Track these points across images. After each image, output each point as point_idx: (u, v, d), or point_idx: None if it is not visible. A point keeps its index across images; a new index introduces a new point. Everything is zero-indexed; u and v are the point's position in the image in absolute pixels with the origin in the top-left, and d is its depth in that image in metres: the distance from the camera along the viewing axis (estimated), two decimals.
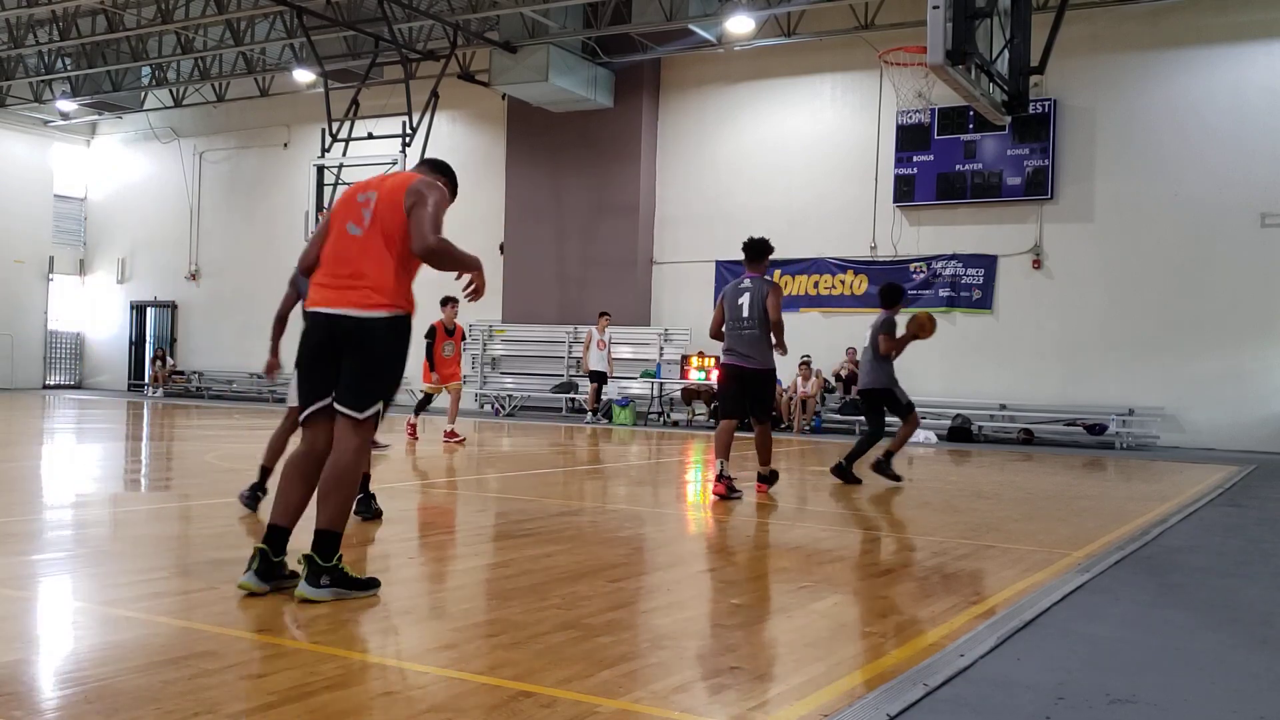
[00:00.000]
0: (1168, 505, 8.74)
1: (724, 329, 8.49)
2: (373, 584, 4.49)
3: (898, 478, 9.70)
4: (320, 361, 4.55)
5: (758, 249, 8.59)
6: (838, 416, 18.58)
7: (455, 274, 4.83)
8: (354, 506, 6.24)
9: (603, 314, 18.97)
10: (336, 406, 4.50)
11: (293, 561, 4.43)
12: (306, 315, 4.65)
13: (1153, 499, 9.43)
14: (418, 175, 4.75)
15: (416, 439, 12.93)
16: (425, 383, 13.12)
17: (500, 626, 3.99)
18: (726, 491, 8.21)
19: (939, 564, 5.70)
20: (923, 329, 9.56)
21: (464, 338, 13.65)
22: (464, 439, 13.11)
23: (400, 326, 4.53)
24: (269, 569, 4.41)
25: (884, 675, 3.48)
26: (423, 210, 4.48)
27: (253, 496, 6.75)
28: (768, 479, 8.67)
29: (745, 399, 8.50)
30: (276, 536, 4.45)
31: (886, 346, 9.53)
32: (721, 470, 8.27)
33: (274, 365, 6.99)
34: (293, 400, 6.60)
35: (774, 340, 8.37)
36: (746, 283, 8.47)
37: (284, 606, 4.30)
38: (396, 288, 4.50)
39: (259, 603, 4.31)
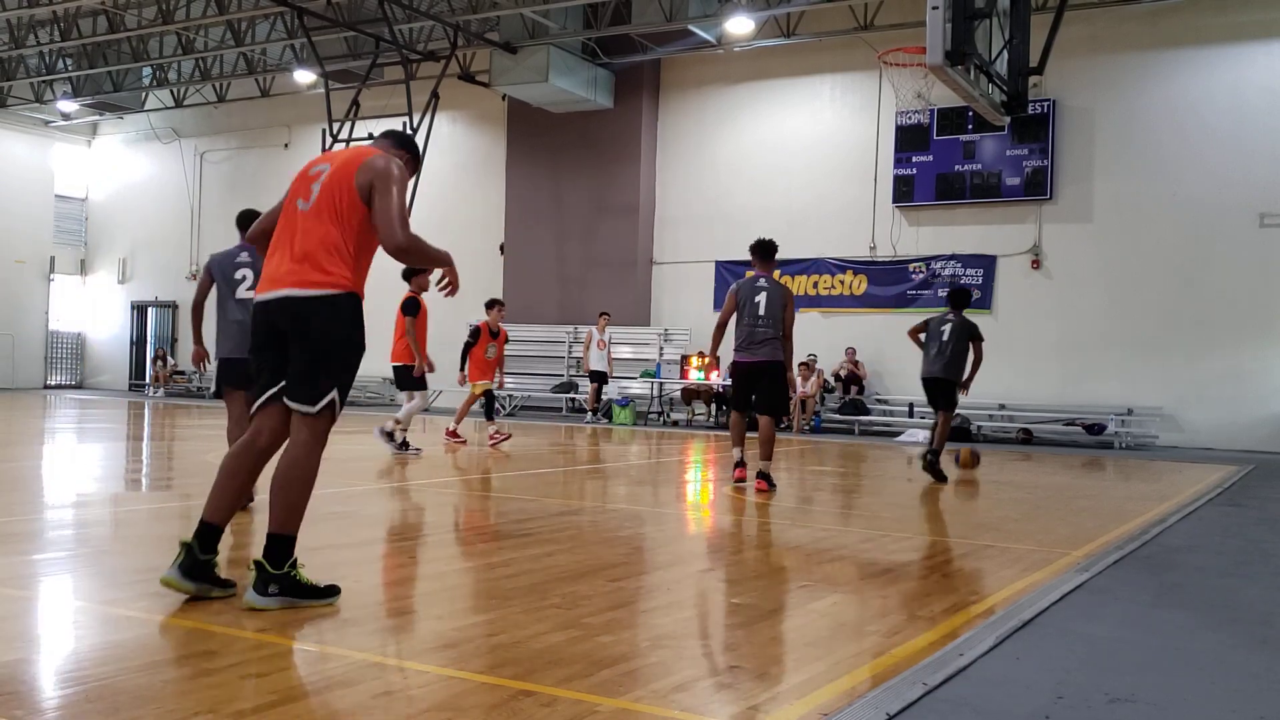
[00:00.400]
0: (1167, 505, 8.74)
1: (735, 324, 8.73)
2: (330, 592, 4.22)
3: (945, 477, 10.32)
4: (267, 350, 4.26)
5: (768, 249, 8.91)
6: (837, 416, 18.59)
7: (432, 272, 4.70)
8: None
9: (603, 314, 18.99)
10: (287, 402, 4.20)
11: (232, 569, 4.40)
12: (256, 306, 4.33)
13: (1152, 499, 9.43)
14: (374, 150, 4.37)
15: (507, 436, 12.89)
16: (473, 381, 12.73)
17: (500, 626, 3.99)
18: (746, 476, 8.76)
19: (939, 564, 5.71)
20: (967, 466, 11.34)
21: (507, 341, 13.45)
22: (465, 440, 13.11)
23: (343, 305, 4.17)
24: (195, 566, 4.13)
25: (884, 674, 3.48)
26: (386, 201, 4.13)
27: None
28: (768, 478, 8.69)
29: (753, 394, 8.74)
30: (206, 533, 4.16)
31: (978, 356, 10.51)
32: (740, 459, 8.78)
33: (201, 354, 7.19)
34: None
35: (786, 350, 8.72)
36: (762, 282, 8.71)
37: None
38: (341, 265, 4.17)
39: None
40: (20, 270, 27.71)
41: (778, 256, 9.04)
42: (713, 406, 19.24)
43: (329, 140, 19.78)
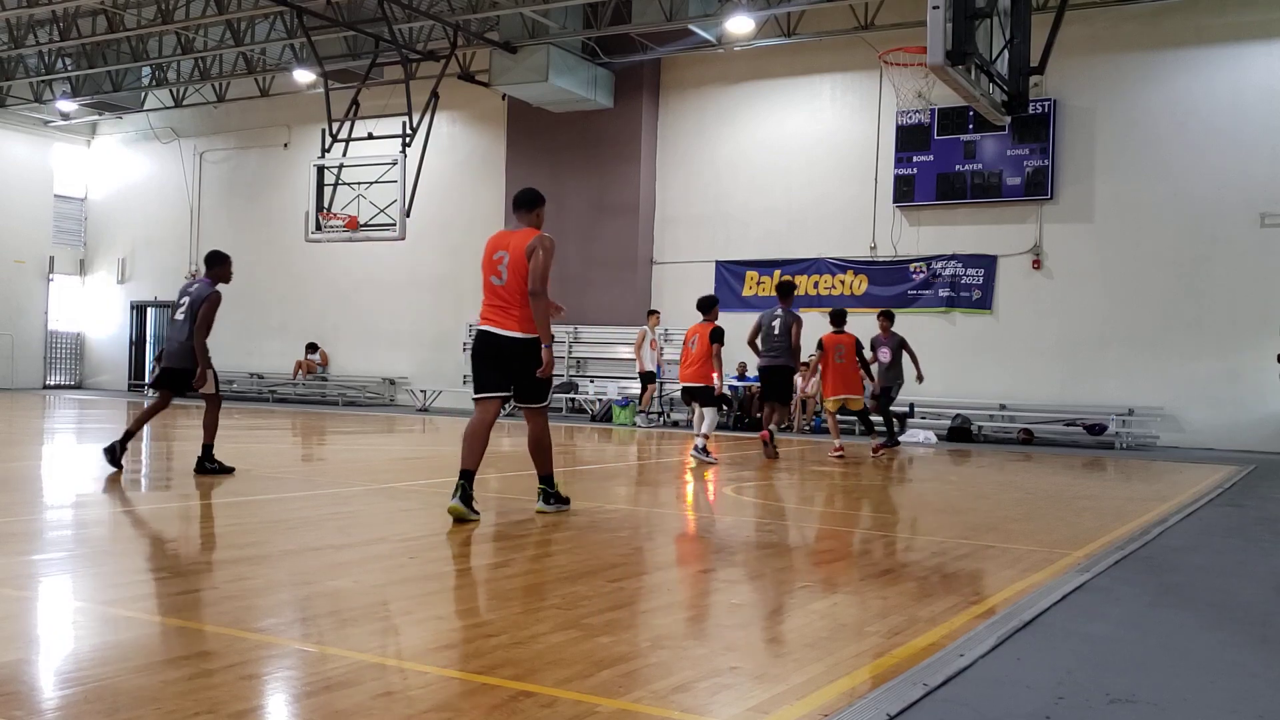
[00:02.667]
0: (1167, 505, 8.74)
1: (759, 342, 12.43)
2: (568, 501, 7.17)
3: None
4: (489, 363, 6.69)
5: (785, 288, 12.89)
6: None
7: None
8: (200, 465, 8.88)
9: (652, 312, 18.81)
10: (523, 406, 6.84)
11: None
12: (479, 332, 6.72)
13: (1152, 499, 9.43)
14: (534, 232, 6.77)
15: (841, 453, 12.72)
16: (826, 396, 13.10)
17: (500, 626, 3.99)
18: (770, 437, 12.16)
19: (939, 564, 5.71)
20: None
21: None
22: (846, 454, 12.79)
23: (537, 345, 6.67)
24: (468, 496, 6.43)
25: (884, 675, 3.48)
26: (539, 261, 6.64)
27: (113, 453, 8.75)
28: (771, 432, 12.24)
29: (776, 389, 12.46)
30: (468, 475, 6.47)
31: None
32: (766, 425, 12.33)
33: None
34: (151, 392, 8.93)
35: (794, 361, 12.41)
36: (779, 311, 12.46)
37: (284, 604, 4.30)
38: (530, 319, 6.62)
39: (258, 601, 4.32)
40: (20, 270, 27.70)
41: (778, 256, 9.71)
42: (729, 408, 19.19)
43: (328, 140, 19.75)
